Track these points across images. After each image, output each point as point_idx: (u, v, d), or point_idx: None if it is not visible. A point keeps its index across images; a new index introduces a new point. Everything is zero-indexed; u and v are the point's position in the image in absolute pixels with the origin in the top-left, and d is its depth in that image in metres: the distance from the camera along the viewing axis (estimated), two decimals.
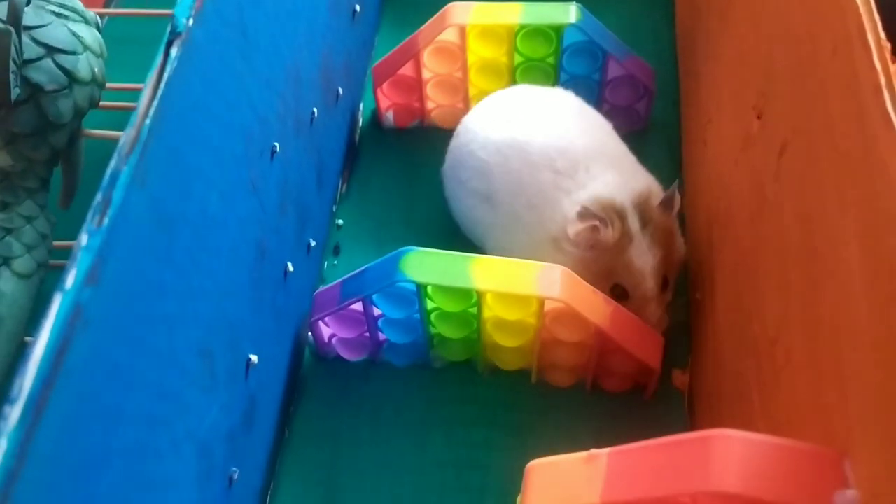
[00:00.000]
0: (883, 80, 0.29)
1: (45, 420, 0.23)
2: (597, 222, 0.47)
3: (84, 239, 0.25)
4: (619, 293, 0.48)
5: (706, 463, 0.29)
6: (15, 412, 0.22)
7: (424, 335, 0.51)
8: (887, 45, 0.29)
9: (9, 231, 0.41)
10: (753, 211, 0.43)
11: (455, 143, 0.57)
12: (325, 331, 0.52)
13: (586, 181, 0.49)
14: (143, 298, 0.29)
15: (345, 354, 0.53)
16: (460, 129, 0.57)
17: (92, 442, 0.26)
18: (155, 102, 0.29)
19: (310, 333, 0.53)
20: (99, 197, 0.26)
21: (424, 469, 0.49)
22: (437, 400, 0.52)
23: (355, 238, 0.60)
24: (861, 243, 0.29)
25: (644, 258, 0.48)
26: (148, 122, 0.28)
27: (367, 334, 0.52)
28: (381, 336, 0.52)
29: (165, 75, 0.29)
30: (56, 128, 0.42)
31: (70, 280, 0.24)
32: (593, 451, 0.33)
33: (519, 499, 0.35)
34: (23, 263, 0.41)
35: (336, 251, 0.59)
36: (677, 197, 0.50)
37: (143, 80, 0.29)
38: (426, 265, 0.46)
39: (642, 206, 0.49)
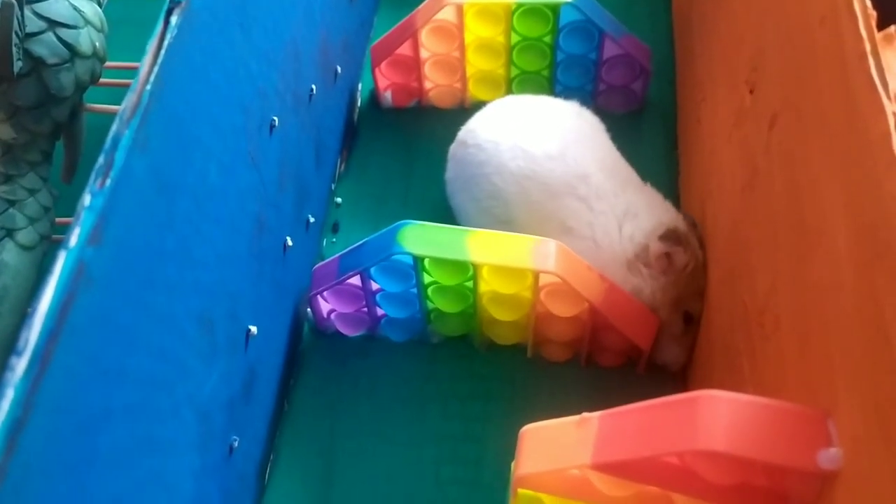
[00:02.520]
0: (868, 48, 0.29)
1: (50, 372, 0.23)
2: (679, 246, 0.48)
3: (87, 199, 0.26)
4: (688, 320, 0.49)
5: (693, 423, 0.30)
6: (21, 363, 0.22)
7: (421, 310, 0.51)
8: (873, 14, 0.30)
9: (12, 203, 0.41)
10: (744, 184, 0.43)
11: (461, 152, 0.55)
12: (324, 306, 0.53)
13: (625, 203, 0.50)
14: (144, 261, 0.30)
15: (343, 330, 0.54)
16: (466, 137, 0.55)
17: (94, 397, 0.27)
18: (155, 69, 0.29)
19: (309, 309, 0.53)
20: (101, 159, 0.27)
21: (421, 441, 0.50)
22: (434, 374, 0.53)
23: (353, 216, 0.60)
24: (846, 210, 0.30)
25: (703, 281, 0.49)
26: (149, 87, 0.29)
27: (366, 309, 0.53)
28: (379, 311, 0.53)
29: (165, 42, 0.30)
30: (58, 101, 0.42)
31: (74, 239, 0.25)
32: (585, 414, 0.33)
33: (513, 464, 0.36)
34: (26, 235, 0.42)
35: (335, 229, 0.60)
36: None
37: (142, 60, 0.30)
38: (423, 238, 0.46)
39: (693, 230, 0.50)
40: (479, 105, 0.62)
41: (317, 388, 0.52)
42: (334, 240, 0.59)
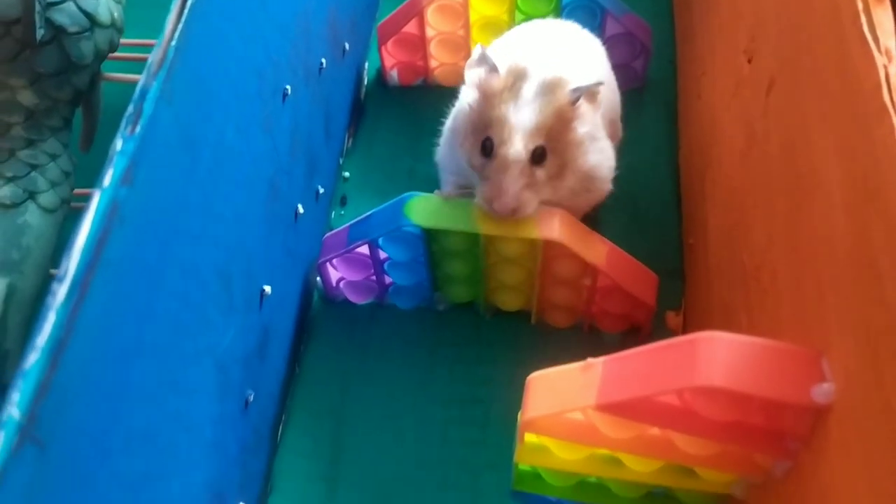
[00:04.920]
0: (860, 6, 0.31)
1: (88, 300, 0.25)
2: (486, 66, 0.47)
3: (119, 144, 0.27)
4: (487, 149, 0.46)
5: (692, 361, 0.31)
6: (62, 290, 0.24)
7: (429, 277, 0.53)
8: None
9: (34, 167, 0.43)
10: (742, 150, 0.45)
11: None
12: (333, 274, 0.54)
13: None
14: (170, 209, 0.31)
15: (352, 297, 0.56)
16: None
17: (127, 332, 0.28)
18: (180, 26, 0.31)
19: (318, 278, 0.55)
20: (131, 108, 0.28)
21: (428, 404, 0.52)
22: (441, 340, 0.54)
23: (361, 190, 0.62)
24: (839, 159, 0.31)
25: (518, 115, 0.45)
26: (174, 43, 0.30)
27: (374, 277, 0.54)
28: (387, 279, 0.54)
29: (189, 2, 0.31)
30: (78, 68, 0.44)
31: (107, 179, 0.26)
32: (589, 360, 0.35)
33: (520, 415, 0.38)
34: (48, 198, 0.43)
35: (343, 202, 0.61)
36: (599, 95, 0.47)
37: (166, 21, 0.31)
38: (430, 209, 0.48)
39: (550, 85, 0.46)
40: None
41: (326, 353, 0.54)
42: (342, 212, 0.60)
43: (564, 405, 0.35)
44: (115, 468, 0.28)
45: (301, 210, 0.50)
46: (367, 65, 0.68)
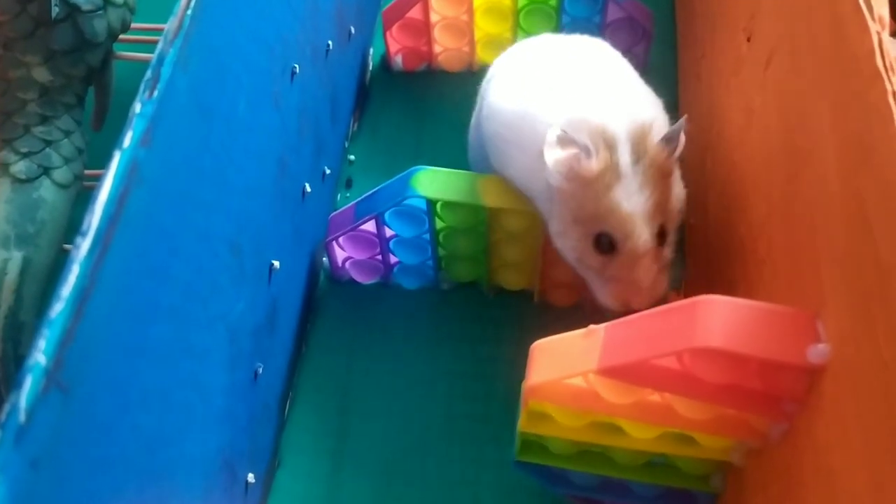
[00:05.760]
0: None
1: (110, 255, 0.26)
2: (576, 150, 0.40)
3: (137, 107, 0.28)
4: (605, 245, 0.41)
5: (692, 323, 0.32)
6: (85, 243, 0.25)
7: (433, 256, 0.54)
8: None
9: (48, 143, 0.44)
10: (741, 127, 0.46)
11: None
12: (340, 254, 0.55)
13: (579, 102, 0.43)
14: (186, 175, 0.32)
15: (358, 277, 0.56)
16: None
17: (145, 292, 0.29)
18: None
19: (325, 258, 0.56)
20: (149, 74, 0.29)
21: (433, 380, 0.53)
22: (446, 319, 0.55)
23: (366, 173, 0.63)
24: (834, 125, 0.32)
25: (634, 199, 0.40)
26: (189, 12, 0.31)
27: (379, 257, 0.55)
28: (393, 258, 0.55)
29: None
30: (92, 46, 0.45)
31: (127, 140, 0.27)
32: (591, 326, 0.36)
33: (524, 383, 0.38)
34: (62, 174, 0.44)
35: (348, 184, 0.62)
36: (682, 135, 0.43)
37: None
38: (437, 182, 0.49)
39: (639, 140, 0.41)
40: (486, 69, 0.65)
41: (333, 331, 0.55)
42: (348, 195, 0.61)
43: (567, 370, 0.36)
44: (133, 422, 0.29)
45: (308, 189, 0.51)
46: (371, 50, 0.69)
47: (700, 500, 0.42)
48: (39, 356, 0.23)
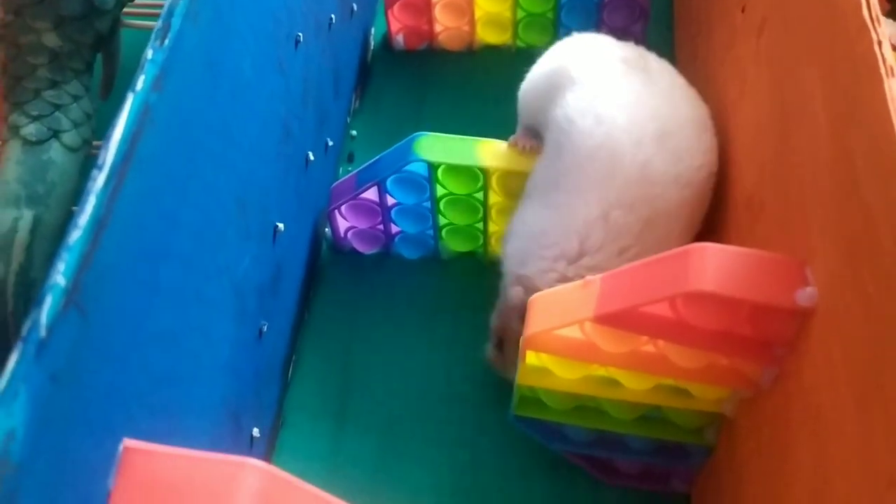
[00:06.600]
0: None
1: (124, 189, 0.27)
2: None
3: (150, 53, 0.29)
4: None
5: (685, 269, 0.33)
6: (101, 177, 0.26)
7: (434, 225, 0.55)
8: None
9: (58, 107, 0.45)
10: (735, 97, 0.47)
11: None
12: (342, 223, 0.56)
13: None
14: (194, 123, 0.33)
15: (359, 247, 0.58)
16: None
17: (156, 234, 0.30)
18: None
19: (327, 229, 0.57)
20: (159, 23, 0.30)
21: (434, 346, 0.54)
22: (445, 288, 0.56)
23: (367, 148, 0.64)
24: (822, 81, 0.33)
25: None
26: None
27: (381, 227, 0.56)
28: (394, 228, 0.56)
29: None
30: (100, 13, 0.46)
31: (140, 83, 0.28)
32: (588, 277, 0.37)
33: (523, 335, 0.39)
34: (71, 137, 0.45)
35: (350, 159, 0.63)
36: None
37: None
38: (437, 147, 0.50)
39: None
40: (486, 48, 0.67)
41: (335, 299, 0.56)
42: (350, 169, 0.62)
43: (565, 319, 0.37)
44: (144, 356, 0.30)
45: (312, 157, 0.52)
46: (373, 30, 0.70)
47: (693, 455, 0.43)
48: (59, 277, 0.24)
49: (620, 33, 0.66)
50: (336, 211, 0.55)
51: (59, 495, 0.24)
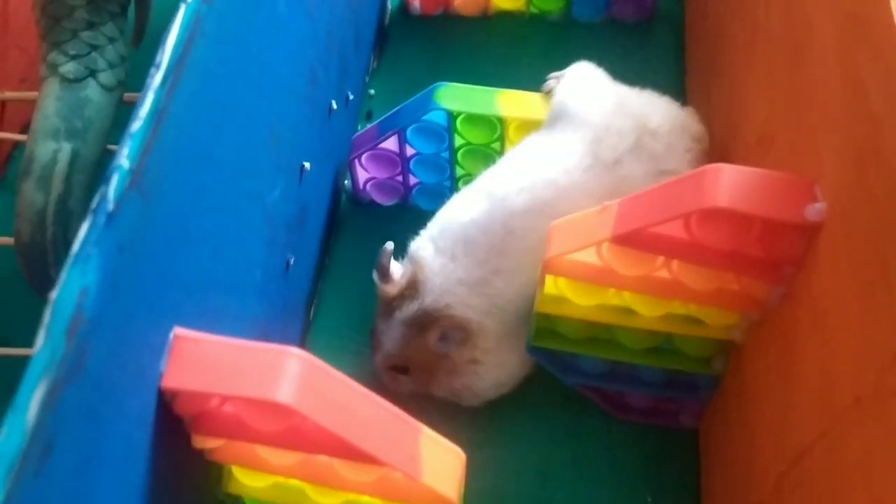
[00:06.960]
0: None
1: (179, 89, 0.29)
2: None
3: None
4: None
5: (700, 188, 0.35)
6: (158, 75, 0.28)
7: (451, 176, 0.57)
8: None
9: (94, 48, 0.47)
10: (746, 49, 0.48)
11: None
12: (362, 174, 0.58)
13: None
14: (237, 41, 0.35)
15: (378, 199, 0.59)
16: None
17: (204, 134, 0.32)
18: None
19: (347, 181, 0.59)
20: None
21: None
22: None
23: (384, 107, 0.65)
24: (831, 12, 0.35)
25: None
26: None
27: (400, 178, 0.58)
28: (413, 179, 0.58)
29: None
30: None
31: None
32: (606, 202, 0.39)
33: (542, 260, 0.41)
34: (106, 77, 0.47)
35: (368, 116, 0.65)
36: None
37: None
38: (457, 96, 0.52)
39: None
40: (500, 14, 0.69)
41: (355, 246, 0.58)
42: (368, 124, 0.64)
43: (583, 241, 0.38)
44: (193, 253, 0.32)
45: (334, 106, 0.54)
46: None
47: (702, 388, 0.45)
48: (123, 160, 0.26)
49: (632, 0, 0.68)
50: (356, 161, 0.57)
51: (119, 365, 0.26)
